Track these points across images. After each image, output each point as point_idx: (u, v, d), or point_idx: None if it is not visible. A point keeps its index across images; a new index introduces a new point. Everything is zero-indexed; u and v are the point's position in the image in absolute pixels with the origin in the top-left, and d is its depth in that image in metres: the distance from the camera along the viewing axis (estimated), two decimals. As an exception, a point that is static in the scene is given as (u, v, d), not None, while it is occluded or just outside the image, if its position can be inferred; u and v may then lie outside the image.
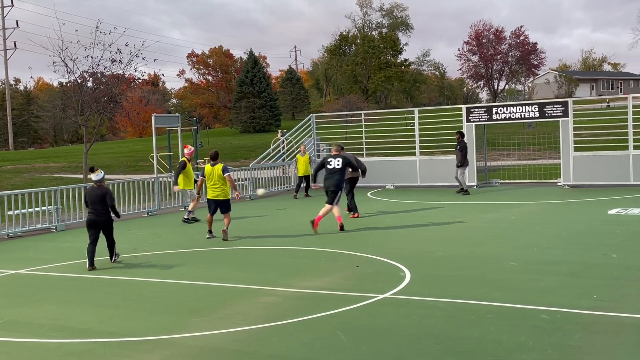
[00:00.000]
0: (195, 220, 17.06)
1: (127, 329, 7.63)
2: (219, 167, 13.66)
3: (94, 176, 11.50)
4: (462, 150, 21.11)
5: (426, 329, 7.05)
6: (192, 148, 17.98)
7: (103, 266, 11.45)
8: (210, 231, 14.02)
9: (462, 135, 21.69)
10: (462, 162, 21.19)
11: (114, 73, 27.63)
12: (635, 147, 21.30)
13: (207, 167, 13.85)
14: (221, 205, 13.78)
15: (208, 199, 13.86)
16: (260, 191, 17.11)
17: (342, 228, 14.24)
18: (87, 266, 11.27)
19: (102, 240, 11.55)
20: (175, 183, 17.22)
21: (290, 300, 8.54)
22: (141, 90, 71.63)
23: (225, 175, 13.56)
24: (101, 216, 11.40)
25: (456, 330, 6.94)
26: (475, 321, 7.23)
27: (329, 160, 14.67)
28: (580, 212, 16.03)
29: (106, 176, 14.54)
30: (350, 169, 14.98)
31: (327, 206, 14.38)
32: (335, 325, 7.28)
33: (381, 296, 8.45)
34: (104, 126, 70.79)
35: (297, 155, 23.06)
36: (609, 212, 15.45)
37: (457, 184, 21.71)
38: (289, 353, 6.50)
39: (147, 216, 19.10)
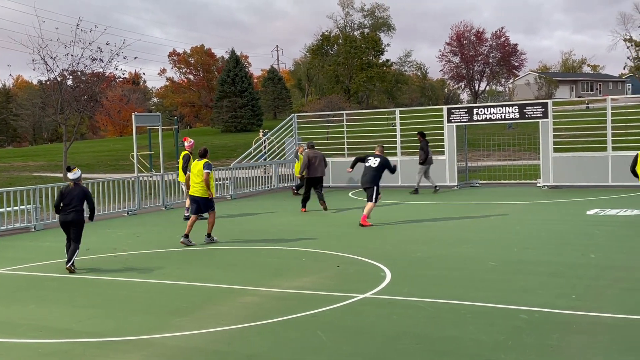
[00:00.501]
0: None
1: (106, 329, 7.59)
2: (202, 162, 13.45)
3: (71, 175, 11.36)
4: (423, 149, 21.93)
5: (406, 328, 7.08)
6: (192, 141, 17.92)
7: (83, 266, 11.37)
8: (186, 235, 13.21)
9: (422, 135, 22.32)
10: (424, 161, 21.92)
11: (95, 71, 27.45)
12: (613, 149, 21.52)
13: (194, 163, 13.73)
14: (201, 204, 13.42)
15: (189, 195, 13.70)
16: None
17: (365, 223, 14.87)
18: (66, 265, 11.18)
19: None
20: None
21: (271, 300, 8.53)
22: (122, 89, 71.23)
23: (204, 171, 13.26)
24: (75, 215, 11.14)
25: (436, 330, 6.98)
26: (455, 321, 7.27)
27: (369, 158, 15.49)
28: (560, 212, 16.17)
29: (86, 175, 14.51)
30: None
31: (369, 204, 15.14)
32: (316, 325, 7.29)
33: (362, 296, 8.47)
34: (84, 125, 70.24)
35: (300, 156, 22.50)
36: (588, 212, 15.60)
37: (430, 184, 22.23)
38: (270, 353, 6.50)
39: (127, 216, 18.99)
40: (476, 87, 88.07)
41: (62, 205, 11.21)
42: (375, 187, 15.09)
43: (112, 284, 10.03)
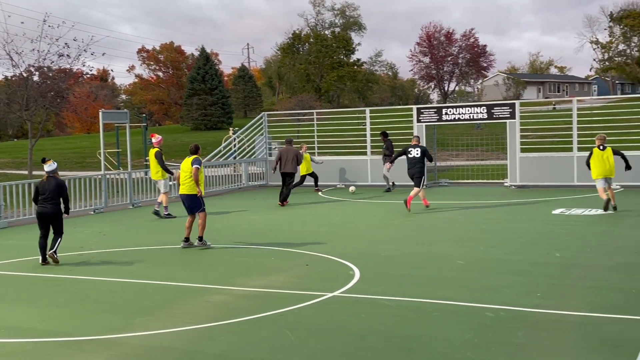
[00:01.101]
0: (170, 216, 16.94)
1: (71, 328, 7.49)
2: (192, 158, 12.60)
3: (46, 167, 11.31)
4: (389, 148, 22.19)
5: (374, 327, 7.10)
6: (160, 137, 17.80)
7: (47, 265, 11.21)
8: (186, 239, 12.53)
9: (385, 135, 22.72)
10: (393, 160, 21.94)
11: (61, 67, 27.09)
12: (579, 149, 21.82)
13: (184, 161, 12.86)
14: (187, 203, 12.57)
15: (179, 194, 12.84)
16: (352, 189, 20.49)
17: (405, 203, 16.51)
18: (40, 262, 11.13)
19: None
20: (169, 172, 17.04)
21: (239, 299, 8.50)
22: (89, 86, 70.31)
23: (193, 166, 12.39)
24: (52, 207, 11.18)
25: (403, 328, 7.01)
26: (422, 319, 7.32)
27: (409, 150, 16.88)
28: (526, 212, 16.36)
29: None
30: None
31: (416, 189, 16.71)
32: (283, 324, 7.28)
33: (330, 295, 8.48)
34: (50, 121, 69.15)
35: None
36: (553, 212, 15.81)
37: (385, 183, 22.58)
38: (237, 352, 6.47)
39: (93, 214, 18.76)
40: (446, 88, 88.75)
41: (39, 198, 11.22)
42: (422, 176, 16.74)
43: (78, 282, 9.90)
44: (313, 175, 23.06)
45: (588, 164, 15.91)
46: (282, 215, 17.29)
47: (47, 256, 11.17)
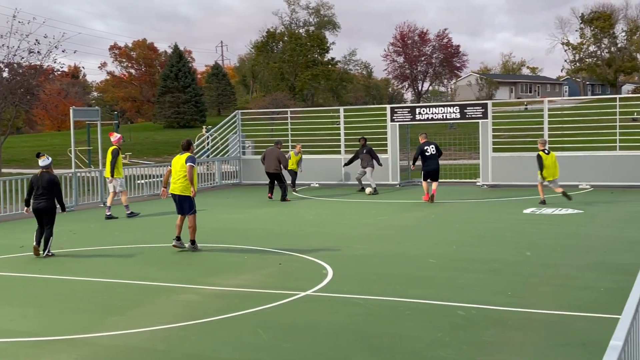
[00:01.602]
0: (133, 214, 16.81)
1: (40, 328, 7.40)
2: (185, 156, 11.96)
3: (40, 162, 11.58)
4: (371, 152, 21.93)
5: (346, 325, 7.11)
6: (119, 135, 17.62)
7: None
8: (177, 238, 11.92)
9: (365, 140, 22.46)
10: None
11: (32, 64, 26.75)
12: (550, 149, 22.05)
13: (175, 157, 12.19)
14: (181, 203, 11.93)
15: (171, 194, 12.13)
16: (368, 190, 20.74)
17: (431, 199, 17.92)
18: (34, 244, 11.52)
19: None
20: (112, 174, 16.88)
21: (211, 299, 8.46)
22: (60, 83, 69.44)
23: (187, 164, 11.70)
24: (45, 203, 11.42)
25: (375, 327, 7.04)
26: (394, 318, 7.35)
27: (425, 148, 18.05)
28: (498, 211, 16.51)
29: (22, 170, 14.10)
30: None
31: (435, 183, 18.19)
32: (256, 323, 7.26)
33: (303, 294, 8.48)
34: (20, 119, 68.17)
35: (291, 153, 22.63)
36: (524, 211, 15.97)
37: (357, 183, 22.55)
38: (209, 352, 6.44)
39: (63, 212, 18.50)
40: (419, 87, 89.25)
41: (33, 194, 11.48)
42: (438, 172, 18.34)
43: (47, 282, 9.78)
44: (292, 173, 22.63)
45: (541, 168, 17.02)
46: (255, 214, 17.25)
47: (38, 249, 11.46)
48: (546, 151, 17.16)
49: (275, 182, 20.08)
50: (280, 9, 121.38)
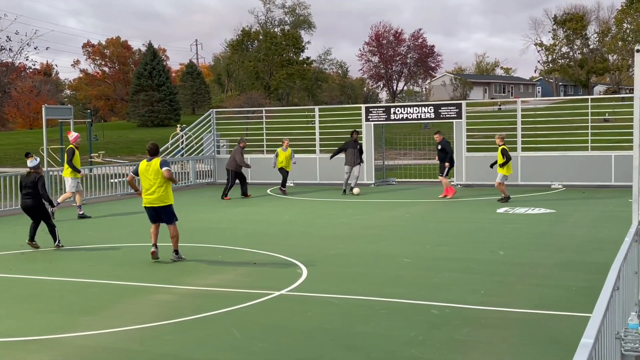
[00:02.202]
0: (85, 216, 16.57)
1: (12, 328, 7.30)
2: (156, 161, 10.64)
3: (29, 162, 12.17)
4: (361, 149, 21.55)
5: (320, 325, 7.12)
6: (77, 134, 17.38)
7: (33, 245, 11.61)
8: (155, 245, 10.89)
9: (357, 133, 21.83)
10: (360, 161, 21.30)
11: (3, 61, 26.38)
12: (523, 149, 22.30)
13: (142, 164, 10.80)
14: (160, 213, 10.80)
15: (145, 207, 10.94)
16: (356, 190, 20.38)
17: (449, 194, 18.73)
18: (27, 240, 12.01)
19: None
20: (77, 170, 16.67)
21: (185, 298, 8.41)
22: (32, 80, 68.64)
23: (163, 169, 10.49)
24: (32, 201, 11.89)
25: (349, 326, 7.05)
26: (368, 317, 7.37)
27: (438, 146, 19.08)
28: (471, 210, 16.63)
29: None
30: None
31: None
32: (230, 323, 7.24)
33: (277, 293, 8.47)
34: (-9, 116, 67.33)
35: (279, 150, 21.56)
36: (498, 211, 16.11)
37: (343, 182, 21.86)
38: (183, 351, 6.40)
39: (36, 211, 18.29)
40: (394, 87, 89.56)
41: (21, 192, 12.12)
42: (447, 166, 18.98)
43: (19, 282, 9.65)
44: (283, 172, 21.62)
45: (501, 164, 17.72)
46: (230, 213, 17.20)
47: (32, 243, 11.96)
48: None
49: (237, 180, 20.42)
50: (256, 7, 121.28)
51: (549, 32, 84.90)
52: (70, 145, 16.78)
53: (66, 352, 6.46)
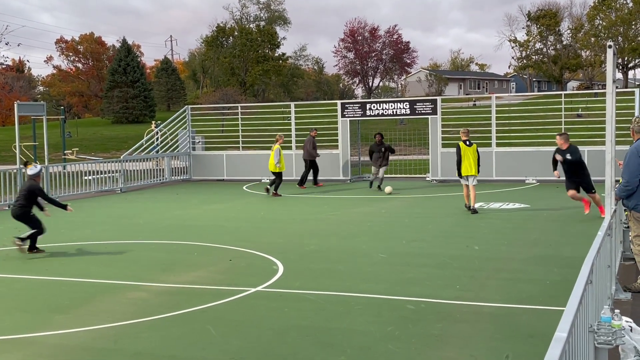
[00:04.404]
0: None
1: (-18, 329, 7.18)
2: None
3: (28, 171, 11.76)
4: (390, 149, 20.47)
5: (296, 321, 7.10)
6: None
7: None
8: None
9: (382, 136, 20.65)
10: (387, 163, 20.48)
11: (-27, 57, 25.94)
12: (497, 144, 22.46)
13: None
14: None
15: None
16: (388, 189, 19.57)
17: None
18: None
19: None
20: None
21: (159, 296, 8.35)
22: (4, 77, 67.73)
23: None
24: (19, 208, 11.45)
25: (325, 322, 7.04)
26: (344, 313, 7.37)
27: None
28: (446, 206, 16.70)
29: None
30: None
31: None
32: (206, 320, 7.19)
33: (253, 290, 8.44)
34: (-38, 113, 66.31)
35: (277, 146, 20.04)
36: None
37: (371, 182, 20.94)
38: (158, 349, 6.35)
39: (8, 209, 18.05)
40: (370, 83, 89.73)
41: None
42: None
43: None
44: (279, 176, 19.96)
45: (459, 162, 15.24)
46: (205, 210, 17.11)
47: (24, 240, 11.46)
48: (468, 142, 15.28)
49: None
50: (231, 3, 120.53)
51: (523, 28, 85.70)
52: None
53: (39, 352, 6.38)
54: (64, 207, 11.94)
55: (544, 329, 6.53)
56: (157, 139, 27.13)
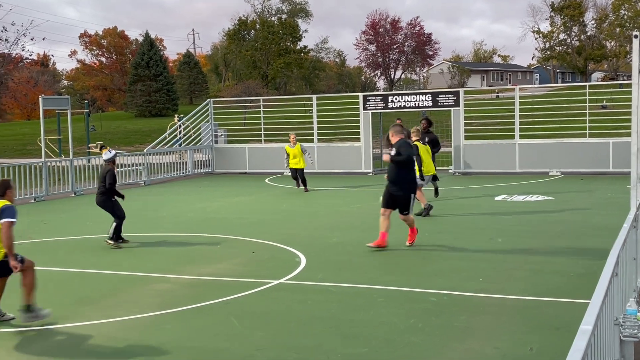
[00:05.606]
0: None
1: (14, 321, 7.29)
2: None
3: (103, 155, 11.87)
4: (435, 142, 16.47)
5: (319, 313, 7.12)
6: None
7: None
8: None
9: (429, 122, 17.23)
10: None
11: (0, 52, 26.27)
12: (521, 137, 22.29)
13: None
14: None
15: None
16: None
17: None
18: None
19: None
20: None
21: (184, 288, 8.41)
22: (29, 71, 68.42)
23: (1, 221, 6.97)
24: (99, 195, 11.61)
25: (348, 314, 7.05)
26: (367, 305, 7.37)
27: None
28: (469, 198, 16.62)
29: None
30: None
31: None
32: (229, 312, 7.24)
33: (276, 282, 8.47)
34: (-12, 108, 67.16)
35: (287, 147, 19.22)
36: (496, 198, 16.10)
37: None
38: (182, 340, 6.40)
39: (34, 202, 18.30)
40: (392, 75, 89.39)
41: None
42: None
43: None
44: (296, 172, 19.06)
45: (421, 163, 13.55)
46: (228, 203, 17.19)
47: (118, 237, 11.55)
48: (422, 142, 14.18)
49: None
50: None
51: (547, 19, 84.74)
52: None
53: (65, 342, 6.47)
54: (122, 196, 11.88)
55: (569, 322, 6.49)
56: (180, 132, 27.29)
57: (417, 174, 12.91)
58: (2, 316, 7.23)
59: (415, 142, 13.52)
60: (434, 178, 15.17)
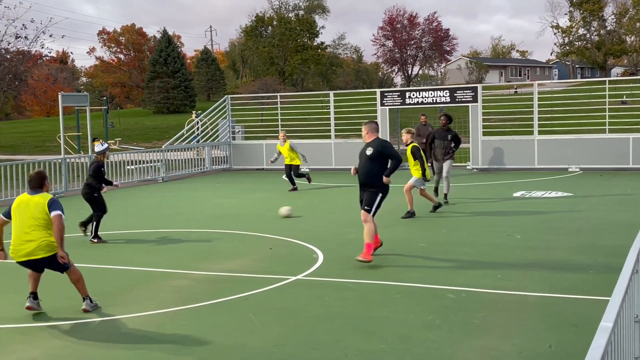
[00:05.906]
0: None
1: (29, 313, 7.36)
2: (42, 198, 7.36)
3: (95, 147, 11.99)
4: (455, 139, 15.28)
5: (336, 309, 7.12)
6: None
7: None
8: (32, 295, 7.39)
9: (448, 118, 15.54)
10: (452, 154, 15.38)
11: (19, 49, 26.51)
12: (539, 132, 22.13)
13: (21, 201, 7.35)
14: (46, 266, 7.35)
15: (19, 263, 7.34)
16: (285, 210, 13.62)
17: None
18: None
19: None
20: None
21: (202, 283, 8.45)
22: (48, 68, 69.00)
23: (51, 214, 7.30)
24: (83, 187, 11.80)
25: (366, 311, 7.05)
26: (384, 301, 7.36)
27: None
28: (488, 194, 16.54)
29: (11, 157, 14.02)
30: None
31: None
32: (247, 308, 7.26)
33: (293, 278, 8.48)
34: (8, 105, 67.76)
35: (278, 145, 19.18)
36: (515, 194, 16.01)
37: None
38: (200, 336, 6.43)
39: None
40: (409, 71, 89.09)
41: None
42: None
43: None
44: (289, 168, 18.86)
45: (424, 166, 13.19)
46: (246, 199, 17.23)
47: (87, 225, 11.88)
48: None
49: None
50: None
51: (566, 14, 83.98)
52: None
53: (84, 337, 6.52)
54: (110, 183, 12.12)
55: (588, 319, 6.44)
56: (198, 128, 27.39)
57: (420, 175, 13.09)
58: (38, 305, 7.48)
59: (412, 144, 13.28)
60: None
